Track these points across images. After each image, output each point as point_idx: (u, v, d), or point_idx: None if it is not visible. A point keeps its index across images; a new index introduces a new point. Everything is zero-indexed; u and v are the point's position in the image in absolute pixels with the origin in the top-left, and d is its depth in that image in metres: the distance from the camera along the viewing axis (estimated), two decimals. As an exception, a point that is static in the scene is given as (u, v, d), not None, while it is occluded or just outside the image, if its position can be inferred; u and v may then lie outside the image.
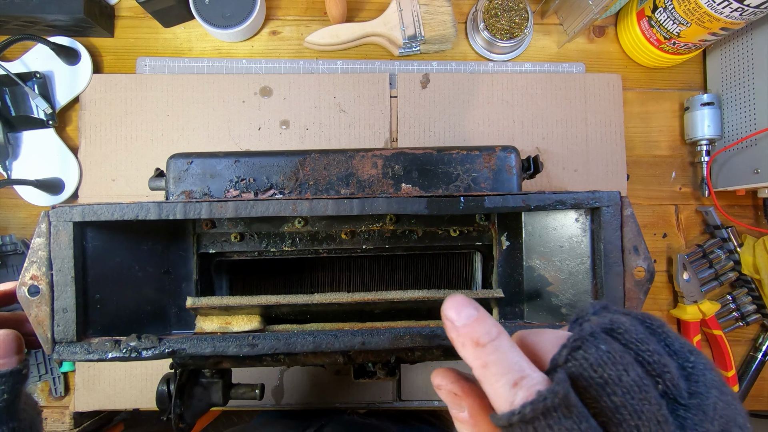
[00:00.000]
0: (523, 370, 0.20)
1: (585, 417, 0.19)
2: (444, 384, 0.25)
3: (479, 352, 0.21)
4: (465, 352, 0.22)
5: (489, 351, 0.21)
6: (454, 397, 0.24)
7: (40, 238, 0.34)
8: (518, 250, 0.45)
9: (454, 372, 0.25)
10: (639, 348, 0.20)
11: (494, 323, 0.22)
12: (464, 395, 0.24)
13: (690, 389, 0.20)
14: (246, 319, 0.39)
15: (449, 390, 0.25)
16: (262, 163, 0.44)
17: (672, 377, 0.20)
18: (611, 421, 0.19)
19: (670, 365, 0.20)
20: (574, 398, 0.19)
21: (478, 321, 0.22)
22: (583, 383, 0.19)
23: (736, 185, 0.65)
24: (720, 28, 0.59)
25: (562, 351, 0.20)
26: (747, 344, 0.70)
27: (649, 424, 0.18)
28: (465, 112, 0.68)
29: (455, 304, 0.23)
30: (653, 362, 0.20)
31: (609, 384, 0.19)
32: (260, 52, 0.70)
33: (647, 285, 0.37)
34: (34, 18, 0.62)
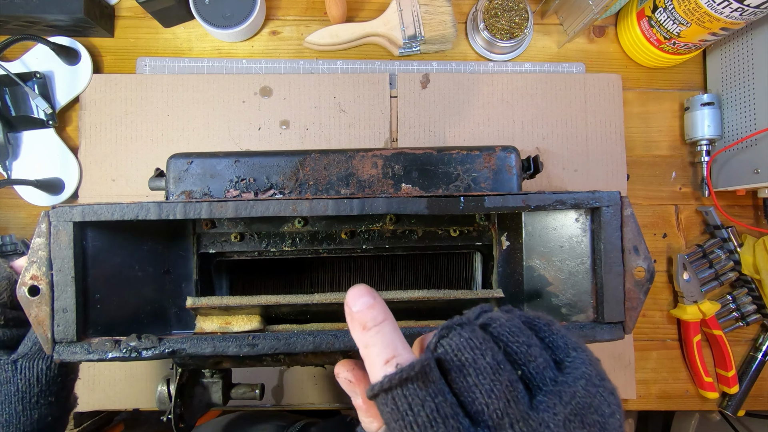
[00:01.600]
0: (396, 349, 0.23)
1: (442, 392, 0.21)
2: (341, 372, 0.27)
3: (364, 335, 0.24)
4: (354, 334, 0.24)
5: (372, 333, 0.23)
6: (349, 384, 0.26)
7: (40, 238, 0.34)
8: (518, 250, 0.45)
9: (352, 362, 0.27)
10: (508, 339, 0.23)
11: (384, 311, 0.24)
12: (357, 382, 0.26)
13: (557, 379, 0.22)
14: (246, 319, 0.39)
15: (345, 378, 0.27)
16: (262, 163, 0.44)
17: (537, 366, 0.22)
18: (467, 400, 0.21)
19: (538, 356, 0.22)
20: (435, 375, 0.21)
21: (370, 308, 0.24)
22: (447, 366, 0.22)
23: (736, 185, 0.65)
24: (720, 28, 0.59)
25: (433, 338, 0.23)
26: (747, 344, 0.70)
27: (499, 402, 0.21)
28: (465, 112, 0.68)
29: (355, 293, 0.25)
30: (519, 352, 0.22)
31: (465, 366, 0.21)
32: (260, 52, 0.70)
33: (647, 285, 0.37)
34: (34, 18, 0.62)
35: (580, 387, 0.22)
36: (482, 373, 0.21)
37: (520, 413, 0.21)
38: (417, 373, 0.21)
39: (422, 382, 0.21)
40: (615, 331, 0.37)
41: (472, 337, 0.22)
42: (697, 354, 0.67)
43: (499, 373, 0.21)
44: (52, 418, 0.39)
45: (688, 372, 0.69)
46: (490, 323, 0.23)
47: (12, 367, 0.37)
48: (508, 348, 0.22)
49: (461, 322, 0.23)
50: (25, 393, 0.37)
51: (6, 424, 0.37)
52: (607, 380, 0.23)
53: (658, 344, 0.70)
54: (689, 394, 0.69)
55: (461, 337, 0.22)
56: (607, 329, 0.37)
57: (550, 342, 0.24)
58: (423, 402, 0.20)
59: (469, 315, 0.24)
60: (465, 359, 0.22)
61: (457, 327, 0.23)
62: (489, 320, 0.24)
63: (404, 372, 0.21)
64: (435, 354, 0.23)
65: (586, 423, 0.21)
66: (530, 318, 0.25)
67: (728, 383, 0.67)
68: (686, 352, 0.68)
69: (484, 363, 0.21)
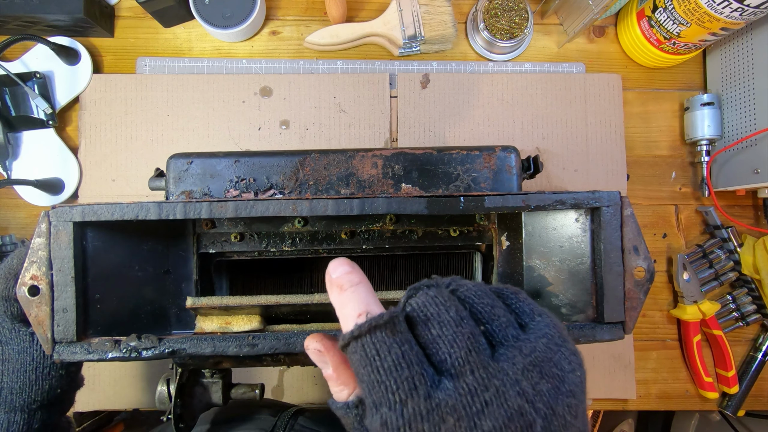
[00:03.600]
0: (369, 306, 0.24)
1: (408, 341, 0.22)
2: (310, 343, 0.28)
3: (341, 295, 0.25)
4: (332, 297, 0.26)
5: (348, 293, 0.25)
6: (319, 354, 0.27)
7: (40, 238, 0.34)
8: (518, 250, 0.45)
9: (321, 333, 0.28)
10: (473, 301, 0.24)
11: (360, 275, 0.26)
12: (326, 350, 0.27)
13: (519, 336, 0.24)
14: (246, 319, 0.39)
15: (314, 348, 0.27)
16: (262, 163, 0.44)
17: (500, 324, 0.24)
18: (431, 351, 0.23)
19: (501, 316, 0.24)
20: (402, 326, 0.23)
21: (347, 273, 0.26)
22: (414, 321, 0.23)
23: (736, 185, 0.65)
24: (720, 28, 0.59)
25: (403, 298, 0.25)
26: (747, 344, 0.70)
27: (460, 351, 0.22)
28: (465, 112, 0.68)
29: (336, 262, 0.27)
30: (483, 312, 0.24)
31: (430, 319, 0.23)
32: (260, 52, 0.70)
33: (647, 285, 0.37)
34: (34, 18, 0.62)
35: (541, 344, 0.23)
36: (445, 326, 0.23)
37: (480, 362, 0.22)
38: (385, 322, 0.22)
39: (390, 330, 0.22)
40: (615, 331, 0.37)
41: (438, 294, 0.24)
42: (697, 354, 0.67)
43: (462, 325, 0.23)
44: (61, 391, 0.41)
45: (688, 372, 0.69)
46: (458, 288, 0.25)
47: (30, 338, 0.39)
48: (474, 308, 0.24)
49: (429, 283, 0.25)
50: (39, 363, 0.39)
51: (19, 391, 0.39)
52: (569, 342, 0.24)
53: (658, 344, 0.70)
54: (689, 394, 0.69)
55: (427, 295, 0.24)
56: (607, 329, 0.37)
57: (516, 308, 0.25)
58: (390, 348, 0.22)
59: (439, 280, 0.26)
60: (430, 313, 0.23)
61: (424, 287, 0.25)
62: (457, 285, 0.25)
63: (373, 321, 0.22)
64: (404, 312, 0.24)
65: (544, 374, 0.22)
66: (499, 287, 0.26)
67: (728, 383, 0.67)
68: (686, 352, 0.68)
69: (448, 317, 0.23)
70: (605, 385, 0.67)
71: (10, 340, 0.39)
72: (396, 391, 0.21)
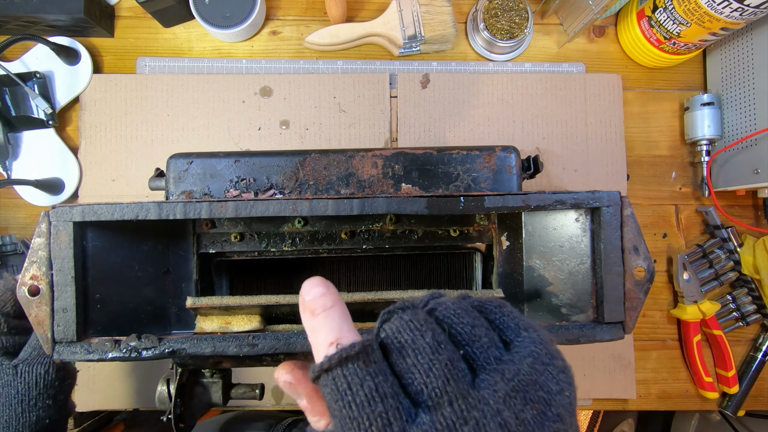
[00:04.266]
0: (342, 332, 0.23)
1: (383, 372, 0.21)
2: (280, 375, 0.27)
3: (312, 321, 0.24)
4: (304, 321, 0.24)
5: (320, 319, 0.24)
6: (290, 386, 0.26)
7: (40, 238, 0.34)
8: (518, 250, 0.45)
9: (292, 363, 0.27)
10: (452, 321, 0.22)
11: (334, 299, 0.24)
12: (298, 383, 0.26)
13: (502, 357, 0.22)
14: (246, 319, 0.39)
15: (284, 381, 0.26)
16: (262, 163, 0.44)
17: (481, 345, 0.22)
18: (407, 381, 0.21)
19: (482, 336, 0.22)
20: (377, 356, 0.21)
21: (321, 296, 0.24)
22: (389, 349, 0.22)
23: (736, 185, 0.65)
24: (720, 28, 0.59)
25: (377, 323, 0.23)
26: (747, 344, 0.70)
27: (437, 381, 0.20)
28: (465, 112, 0.68)
29: (309, 283, 0.25)
30: (463, 333, 0.22)
31: (405, 347, 0.21)
32: (260, 52, 0.70)
33: (647, 285, 0.37)
34: (34, 18, 0.62)
35: (525, 365, 0.21)
36: (421, 353, 0.21)
37: (459, 391, 0.20)
38: (357, 353, 0.21)
39: (362, 362, 0.21)
40: (615, 331, 0.37)
41: (413, 319, 0.22)
42: (697, 354, 0.67)
43: (439, 352, 0.21)
44: (50, 421, 0.41)
45: (688, 372, 0.69)
46: (436, 307, 0.23)
47: (13, 371, 0.40)
48: (453, 329, 0.22)
49: (404, 306, 0.24)
50: (24, 395, 0.40)
51: (6, 424, 0.39)
52: (558, 359, 0.23)
53: (658, 344, 0.70)
54: (689, 394, 0.69)
55: (402, 320, 0.22)
56: (607, 329, 0.37)
57: (500, 323, 0.24)
58: (362, 381, 0.20)
59: (415, 300, 0.24)
60: (404, 340, 0.22)
61: (398, 311, 0.23)
62: (435, 305, 0.24)
63: (344, 351, 0.21)
64: (378, 338, 0.23)
65: (528, 399, 0.21)
66: (481, 302, 0.24)
67: (728, 383, 0.67)
68: (686, 352, 0.68)
69: (423, 343, 0.21)
70: (605, 385, 0.67)
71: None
72: (369, 428, 0.20)
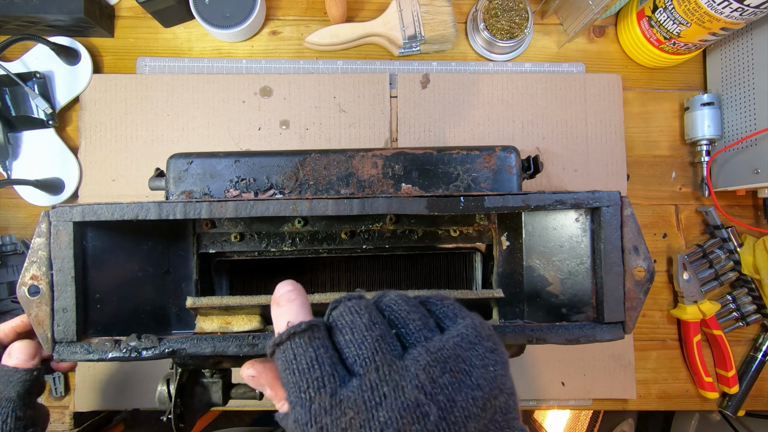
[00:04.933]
0: (298, 317, 0.26)
1: (324, 346, 0.24)
2: (244, 371, 0.29)
3: (277, 310, 0.27)
4: (272, 313, 0.27)
5: (283, 308, 0.27)
6: (253, 379, 0.29)
7: (40, 238, 0.34)
8: (518, 250, 0.45)
9: (253, 360, 0.30)
10: (391, 309, 0.26)
11: (298, 293, 0.28)
12: (259, 373, 0.29)
13: (432, 337, 0.25)
14: (246, 318, 0.39)
15: (248, 375, 0.29)
16: (262, 163, 0.44)
17: (415, 327, 0.25)
18: (345, 355, 0.24)
19: (417, 319, 0.25)
20: (320, 332, 0.25)
21: (288, 292, 0.28)
22: (333, 328, 0.25)
23: (736, 185, 0.65)
24: (720, 28, 0.59)
25: (327, 310, 0.27)
26: (747, 344, 0.70)
27: (367, 352, 0.24)
28: (465, 112, 0.68)
29: (281, 284, 0.28)
30: (399, 317, 0.25)
31: (344, 326, 0.25)
32: (260, 52, 0.70)
33: (647, 285, 0.37)
34: (34, 18, 0.62)
35: (451, 342, 0.24)
36: (357, 330, 0.24)
37: (385, 360, 0.23)
38: (303, 330, 0.24)
39: (307, 336, 0.24)
40: (615, 331, 0.37)
41: (355, 305, 0.26)
42: (697, 354, 0.67)
43: (372, 329, 0.24)
44: None
45: (688, 372, 0.69)
46: (380, 300, 0.27)
47: None
48: (391, 315, 0.26)
49: (351, 296, 0.27)
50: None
51: None
52: (490, 341, 0.25)
53: (658, 344, 0.70)
54: (689, 394, 0.69)
55: (346, 306, 0.26)
56: (607, 329, 0.37)
57: (439, 313, 0.27)
58: (305, 352, 0.24)
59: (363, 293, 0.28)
60: (345, 321, 0.25)
61: (345, 300, 0.26)
62: (380, 297, 0.27)
63: (293, 328, 0.24)
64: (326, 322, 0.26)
65: (448, 369, 0.23)
66: (427, 296, 0.28)
67: (728, 383, 0.67)
68: (686, 352, 0.68)
69: (360, 323, 0.25)
70: (605, 385, 0.67)
71: None
72: (306, 390, 0.23)
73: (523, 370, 0.67)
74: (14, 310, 0.63)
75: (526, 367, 0.67)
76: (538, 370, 0.67)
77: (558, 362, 0.67)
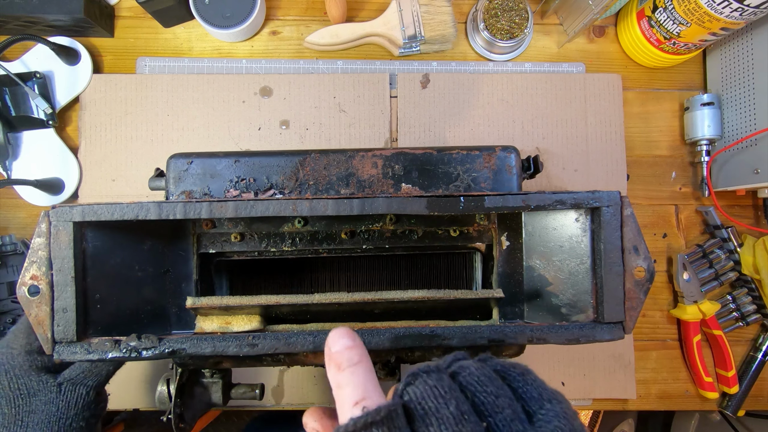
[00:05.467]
0: (367, 392, 0.23)
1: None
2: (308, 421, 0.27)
3: (338, 375, 0.24)
4: (330, 374, 0.24)
5: (346, 374, 0.24)
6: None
7: (40, 238, 0.34)
8: (518, 250, 0.45)
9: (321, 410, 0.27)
10: (476, 389, 0.22)
11: (361, 353, 0.24)
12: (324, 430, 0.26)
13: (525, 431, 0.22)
14: (246, 319, 0.39)
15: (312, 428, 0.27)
16: (262, 163, 0.44)
17: (504, 418, 0.22)
18: None
19: (506, 407, 0.22)
20: (401, 422, 0.21)
21: (348, 348, 0.24)
22: (412, 413, 0.21)
23: (736, 185, 0.65)
24: (720, 28, 0.59)
25: (401, 384, 0.23)
26: (747, 344, 0.70)
27: None
28: (465, 112, 0.68)
29: (336, 333, 0.25)
30: (486, 402, 0.22)
31: (428, 414, 0.21)
32: (260, 52, 0.70)
33: (647, 285, 0.37)
34: (34, 18, 0.62)
35: None
36: (444, 423, 0.21)
37: None
38: (382, 418, 0.21)
39: (387, 427, 0.20)
40: (615, 331, 0.37)
41: (438, 385, 0.22)
42: (697, 354, 0.67)
43: (462, 423, 0.21)
44: None
45: (688, 372, 0.69)
46: (460, 372, 0.23)
47: (57, 389, 0.40)
48: (476, 398, 0.22)
49: (429, 369, 0.23)
50: (62, 414, 0.40)
51: None
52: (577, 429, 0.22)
53: (658, 344, 0.70)
54: (689, 394, 0.69)
55: (426, 384, 0.22)
56: (607, 329, 0.37)
57: (523, 393, 0.24)
58: None
59: (440, 363, 0.24)
60: (429, 407, 0.21)
61: (423, 374, 0.23)
62: (459, 368, 0.23)
63: (369, 416, 0.21)
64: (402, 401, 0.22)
65: None
66: (505, 367, 0.24)
67: (728, 383, 0.67)
68: (686, 352, 0.68)
69: (447, 413, 0.21)
70: (605, 385, 0.67)
71: (38, 392, 0.40)
72: None
73: (523, 370, 0.67)
74: (14, 310, 0.63)
75: (526, 367, 0.67)
76: (538, 370, 0.67)
77: (558, 362, 0.67)
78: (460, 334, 0.36)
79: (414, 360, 0.45)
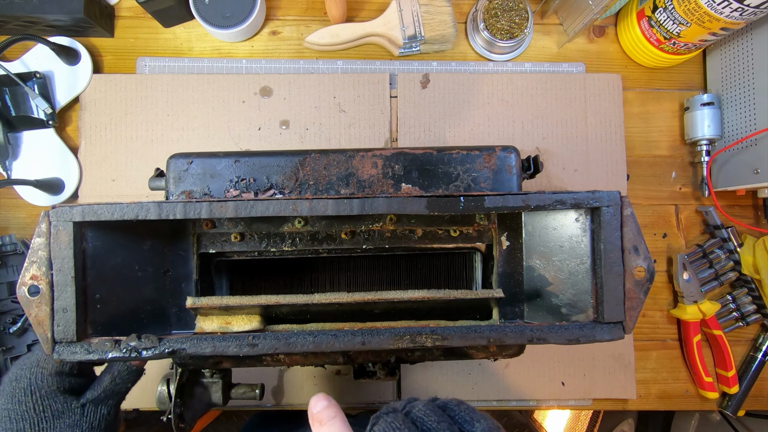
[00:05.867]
0: None
1: None
2: None
3: (321, 429, 0.31)
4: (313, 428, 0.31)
5: (326, 427, 0.31)
6: None
7: (40, 238, 0.34)
8: (518, 250, 0.45)
9: None
10: (423, 420, 0.30)
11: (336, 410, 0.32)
12: None
13: None
14: (246, 319, 0.39)
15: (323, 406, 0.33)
16: (262, 163, 0.44)
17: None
18: None
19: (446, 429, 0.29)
20: None
21: (326, 408, 0.32)
22: None
23: (736, 185, 0.65)
24: (720, 28, 0.59)
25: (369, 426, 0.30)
26: (747, 344, 0.70)
27: None
28: (465, 112, 0.68)
29: (315, 399, 0.32)
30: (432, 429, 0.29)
31: None
32: (260, 52, 0.70)
33: (647, 285, 0.37)
34: (34, 18, 0.62)
35: None
36: None
37: None
38: None
39: None
40: (615, 331, 0.37)
41: (395, 421, 0.29)
42: (697, 354, 0.67)
43: None
44: None
45: (688, 372, 0.69)
46: (411, 410, 0.30)
47: (80, 411, 0.40)
48: (424, 426, 0.29)
49: (388, 410, 0.31)
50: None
51: None
52: None
53: (658, 344, 0.70)
54: (689, 394, 0.69)
55: (386, 422, 0.29)
56: (607, 329, 0.37)
57: (459, 418, 0.31)
58: None
59: (396, 405, 0.32)
60: None
61: (384, 415, 0.30)
62: (411, 407, 0.31)
63: None
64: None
65: None
66: (444, 402, 0.32)
67: (728, 383, 0.67)
68: (686, 352, 0.69)
69: None
70: (605, 385, 0.67)
71: (62, 414, 0.39)
72: None
73: (523, 370, 0.67)
74: (14, 310, 0.63)
75: (526, 367, 0.67)
76: (538, 370, 0.67)
77: (558, 362, 0.67)
78: (460, 334, 0.36)
79: (414, 360, 0.45)
